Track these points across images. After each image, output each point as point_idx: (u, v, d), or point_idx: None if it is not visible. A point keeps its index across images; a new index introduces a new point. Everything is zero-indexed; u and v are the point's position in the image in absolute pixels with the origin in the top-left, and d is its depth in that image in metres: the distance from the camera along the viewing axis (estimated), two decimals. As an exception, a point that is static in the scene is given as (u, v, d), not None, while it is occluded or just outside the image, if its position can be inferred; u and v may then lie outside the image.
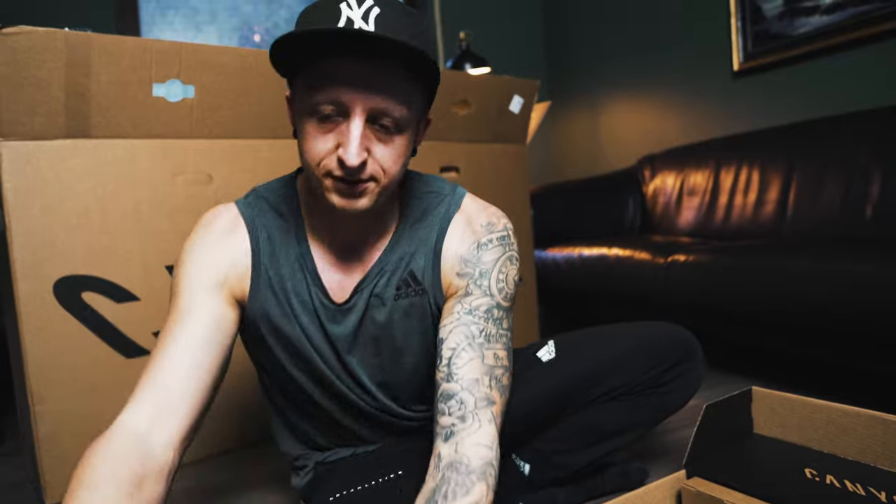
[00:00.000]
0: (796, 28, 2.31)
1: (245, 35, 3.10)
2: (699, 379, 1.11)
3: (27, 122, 1.31)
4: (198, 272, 0.81)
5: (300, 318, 0.88)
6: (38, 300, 1.34)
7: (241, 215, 0.87)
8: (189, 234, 0.87)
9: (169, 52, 1.43)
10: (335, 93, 0.70)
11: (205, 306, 0.80)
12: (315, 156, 0.74)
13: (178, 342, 0.76)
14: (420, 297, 0.88)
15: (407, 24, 0.71)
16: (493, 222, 0.89)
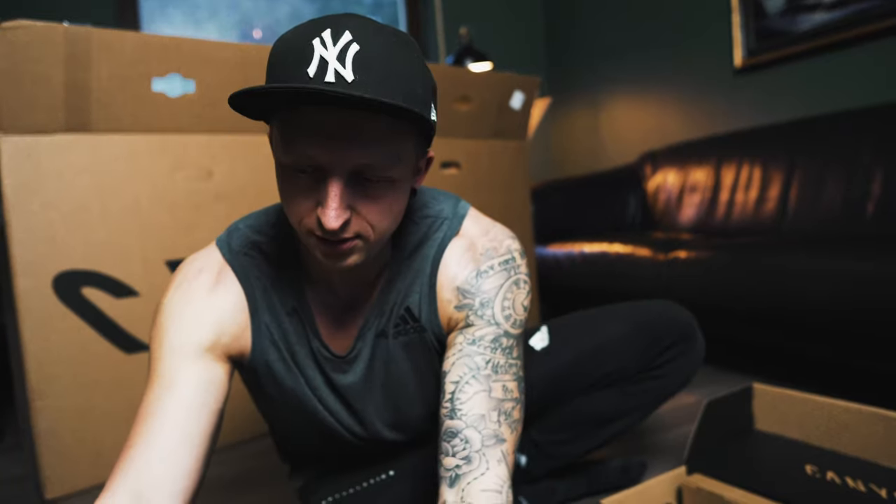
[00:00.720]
0: (798, 25, 2.30)
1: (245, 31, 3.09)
2: (697, 361, 1.07)
3: (27, 117, 1.30)
4: (180, 334, 0.71)
5: (305, 372, 0.82)
6: (38, 295, 1.34)
7: (230, 267, 0.77)
8: (171, 282, 0.76)
9: (169, 46, 1.42)
10: (309, 150, 0.59)
11: (191, 371, 0.69)
12: (294, 214, 0.65)
13: (160, 416, 0.66)
14: (419, 334, 0.81)
15: (392, 60, 0.59)
16: (495, 246, 0.80)
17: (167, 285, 0.76)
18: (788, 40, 2.34)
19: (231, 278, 0.77)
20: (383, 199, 0.64)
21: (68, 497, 1.39)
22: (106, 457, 1.43)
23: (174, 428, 0.65)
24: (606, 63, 3.31)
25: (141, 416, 0.66)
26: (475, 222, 0.82)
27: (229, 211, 1.59)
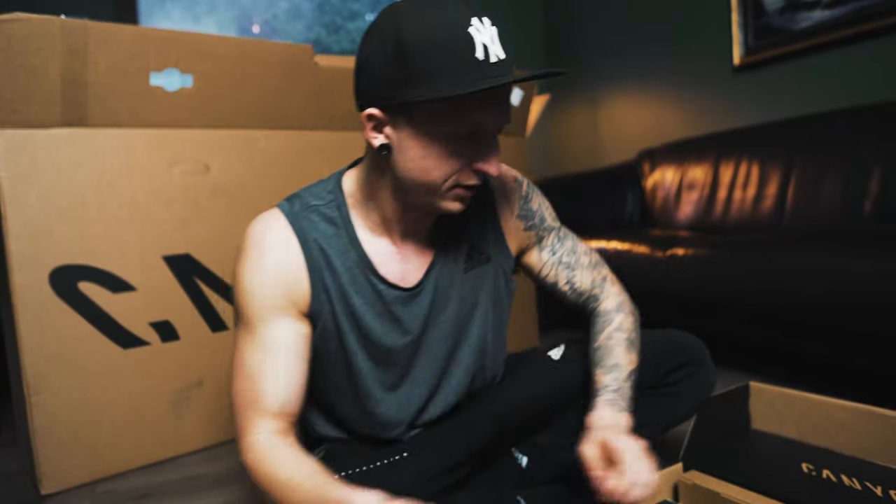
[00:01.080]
0: (798, 23, 2.30)
1: (244, 26, 3.08)
2: (710, 386, 1.08)
3: (23, 111, 1.30)
4: (266, 297, 0.83)
5: (362, 323, 0.89)
6: (34, 290, 1.33)
7: (290, 226, 0.86)
8: (241, 248, 0.86)
9: (167, 40, 1.42)
10: (478, 118, 0.74)
11: (283, 328, 0.84)
12: (448, 171, 0.77)
13: (270, 369, 0.82)
14: (486, 265, 0.96)
15: (504, 31, 0.76)
16: (515, 176, 1.01)
17: (237, 254, 0.86)
18: (787, 38, 2.34)
19: (293, 238, 0.85)
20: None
21: (65, 492, 1.39)
22: (102, 452, 1.43)
23: (282, 374, 0.82)
24: (605, 60, 3.31)
25: (251, 373, 0.82)
26: None
27: (227, 205, 1.58)
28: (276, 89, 1.61)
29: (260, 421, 0.82)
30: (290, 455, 0.79)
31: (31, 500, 1.36)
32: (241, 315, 0.84)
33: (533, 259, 1.02)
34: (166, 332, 1.51)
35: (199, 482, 1.39)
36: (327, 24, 3.24)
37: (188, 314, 1.54)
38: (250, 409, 0.82)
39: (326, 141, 1.75)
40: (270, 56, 1.57)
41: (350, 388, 0.92)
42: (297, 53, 1.61)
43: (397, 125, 0.77)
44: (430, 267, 0.91)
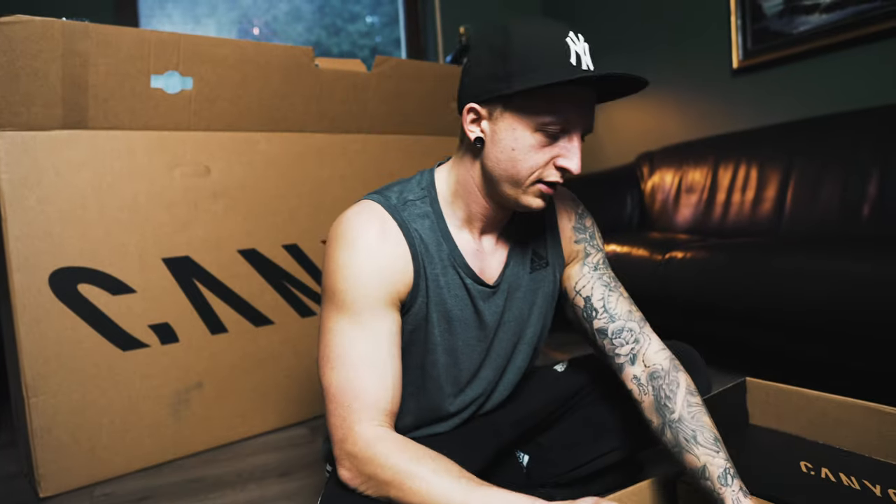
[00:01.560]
0: (796, 26, 2.31)
1: (244, 28, 3.09)
2: (704, 390, 1.08)
3: (24, 113, 1.30)
4: (374, 288, 0.83)
5: (453, 312, 0.92)
6: (34, 292, 1.33)
7: (392, 218, 0.88)
8: (342, 238, 0.85)
9: (168, 43, 1.42)
10: (568, 115, 0.80)
11: (388, 318, 0.85)
12: (533, 165, 0.82)
13: (378, 360, 0.83)
14: (545, 270, 1.01)
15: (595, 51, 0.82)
16: (572, 196, 1.09)
17: (335, 243, 0.85)
18: (786, 42, 2.34)
19: (395, 229, 0.87)
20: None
21: (63, 495, 1.38)
22: (101, 454, 1.43)
23: (389, 368, 0.83)
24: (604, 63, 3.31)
25: (356, 361, 0.82)
26: None
27: (227, 208, 1.59)
28: (277, 92, 1.62)
29: (372, 410, 0.81)
30: (424, 451, 0.78)
31: (30, 502, 1.36)
32: (343, 302, 0.83)
33: (574, 270, 1.04)
34: (166, 335, 1.51)
35: (199, 485, 1.39)
36: (328, 27, 3.25)
37: (188, 317, 1.54)
38: (359, 401, 0.80)
39: (327, 143, 1.75)
40: (271, 58, 1.57)
41: (423, 374, 0.96)
42: (297, 56, 1.61)
43: (493, 117, 0.83)
44: (505, 265, 0.97)
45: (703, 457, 0.83)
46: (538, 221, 1.01)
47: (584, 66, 0.78)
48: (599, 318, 0.99)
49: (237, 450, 1.59)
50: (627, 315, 0.98)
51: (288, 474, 1.40)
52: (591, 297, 1.01)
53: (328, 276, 0.85)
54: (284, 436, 1.65)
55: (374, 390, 0.81)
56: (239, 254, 1.61)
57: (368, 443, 0.77)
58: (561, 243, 1.03)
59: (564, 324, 1.25)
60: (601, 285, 1.01)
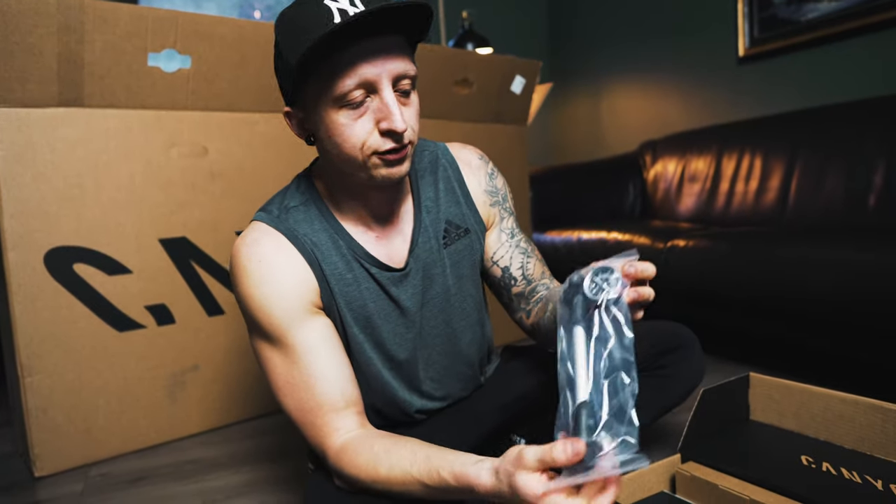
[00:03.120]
0: (804, 14, 2.28)
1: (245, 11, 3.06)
2: (699, 372, 1.11)
3: (18, 89, 1.28)
4: (283, 306, 0.82)
5: (365, 306, 0.90)
6: (29, 271, 1.32)
7: (278, 230, 0.85)
8: (238, 269, 0.83)
9: (165, 20, 1.40)
10: (360, 72, 0.73)
11: (313, 326, 0.84)
12: (356, 141, 0.76)
13: (318, 372, 0.82)
14: (465, 238, 0.97)
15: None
16: (480, 154, 1.03)
17: (235, 275, 0.84)
18: (793, 30, 2.32)
19: (284, 242, 0.85)
20: (413, 105, 0.80)
21: (58, 475, 1.38)
22: (97, 434, 1.42)
23: (333, 370, 0.83)
24: (609, 50, 3.28)
25: (302, 384, 0.82)
26: (450, 143, 1.03)
27: (224, 189, 1.57)
28: (276, 72, 1.59)
29: (334, 420, 0.82)
30: (381, 445, 0.78)
31: (25, 481, 1.36)
32: (263, 332, 0.83)
33: (492, 238, 1.02)
34: (162, 316, 1.50)
35: (194, 466, 1.39)
36: (329, 10, 3.22)
37: (184, 298, 1.53)
38: (319, 416, 0.82)
39: (326, 125, 1.73)
40: (270, 38, 1.54)
41: (364, 378, 0.93)
42: (297, 36, 1.59)
43: (305, 114, 0.81)
44: (411, 247, 0.92)
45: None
46: (448, 190, 0.97)
47: (352, 14, 0.71)
48: (518, 284, 1.02)
49: (232, 432, 1.58)
50: (541, 275, 1.03)
51: (283, 457, 1.40)
52: (510, 266, 1.01)
53: (243, 312, 0.85)
54: (280, 420, 1.65)
55: (329, 399, 0.81)
56: (236, 235, 1.59)
57: (337, 457, 0.80)
58: (476, 208, 0.99)
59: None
60: (519, 253, 1.02)
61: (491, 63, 2.06)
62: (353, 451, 0.79)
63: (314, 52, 0.70)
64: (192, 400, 1.56)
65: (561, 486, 0.59)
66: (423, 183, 0.96)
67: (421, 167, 0.97)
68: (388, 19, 0.72)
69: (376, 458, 0.76)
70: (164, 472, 1.37)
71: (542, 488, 0.59)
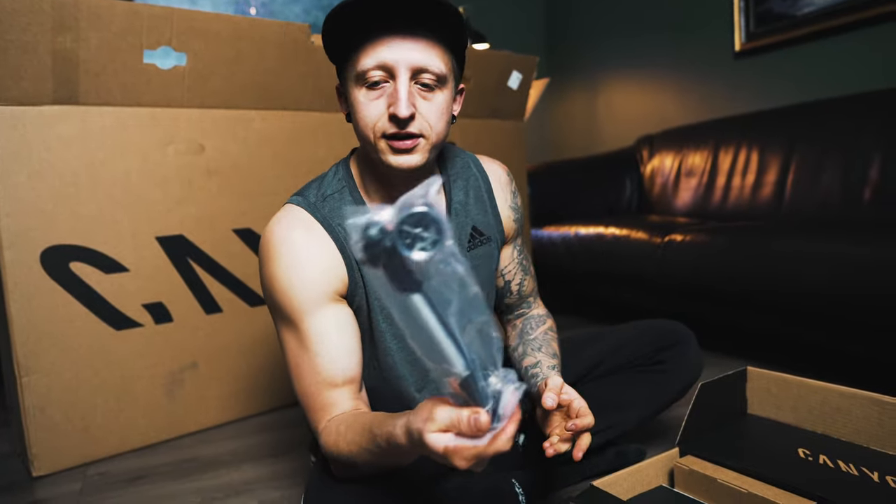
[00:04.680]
0: (800, 8, 2.28)
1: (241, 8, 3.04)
2: (697, 366, 1.14)
3: (13, 87, 1.27)
4: (307, 291, 0.84)
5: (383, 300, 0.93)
6: (25, 269, 1.32)
7: (313, 217, 0.88)
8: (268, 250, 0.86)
9: (161, 17, 1.39)
10: (380, 57, 0.77)
11: (331, 313, 0.86)
12: (369, 120, 0.80)
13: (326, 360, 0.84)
14: (487, 246, 1.01)
15: None
16: (506, 170, 1.07)
17: (264, 256, 0.86)
18: (789, 24, 2.32)
19: (318, 228, 0.87)
20: (437, 102, 0.81)
21: (56, 474, 1.38)
22: (94, 434, 1.42)
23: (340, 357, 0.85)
24: (605, 45, 3.28)
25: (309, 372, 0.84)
26: (479, 155, 1.07)
27: (221, 186, 1.57)
28: (272, 69, 1.59)
29: (330, 396, 0.84)
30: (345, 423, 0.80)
31: (23, 481, 1.35)
32: (285, 315, 0.85)
33: (506, 252, 1.08)
34: (159, 314, 1.49)
35: (193, 465, 1.38)
36: (325, 7, 3.20)
37: (182, 296, 1.53)
38: (318, 397, 0.84)
39: (322, 122, 1.73)
40: (266, 34, 1.54)
41: (379, 366, 0.96)
42: (293, 32, 1.58)
43: (343, 89, 0.86)
44: None
45: (541, 357, 0.99)
46: (477, 199, 1.01)
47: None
48: (511, 297, 1.11)
49: (231, 430, 1.58)
50: (531, 292, 1.12)
51: (281, 455, 1.40)
52: (511, 281, 1.09)
53: (265, 291, 0.87)
54: (279, 417, 1.65)
55: (327, 377, 0.84)
56: (234, 233, 1.59)
57: (321, 439, 0.83)
58: (501, 220, 1.03)
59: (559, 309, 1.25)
60: (521, 270, 1.09)
61: (488, 59, 2.06)
62: (327, 433, 0.82)
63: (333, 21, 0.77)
64: (191, 398, 1.55)
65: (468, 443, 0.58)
66: (455, 187, 0.99)
67: (454, 172, 1.00)
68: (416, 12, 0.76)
69: (339, 435, 0.79)
70: (163, 470, 1.37)
71: (452, 443, 0.59)
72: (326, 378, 0.84)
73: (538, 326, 1.07)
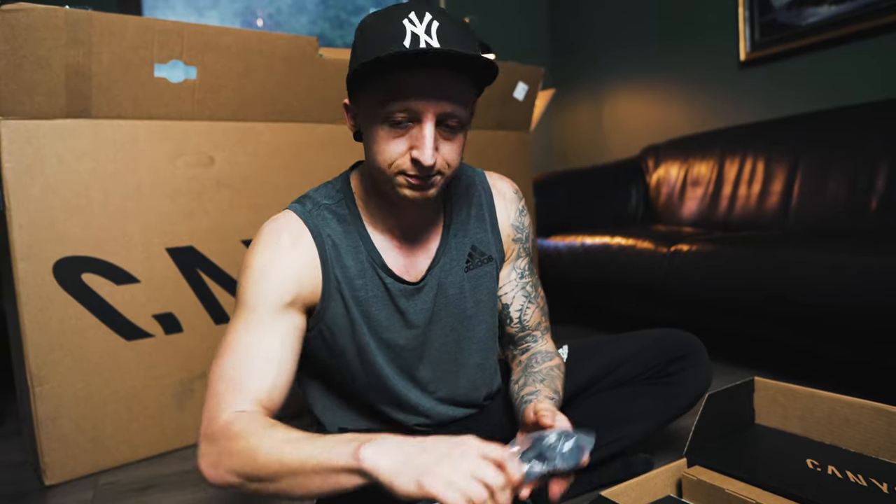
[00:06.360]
0: (805, 18, 2.29)
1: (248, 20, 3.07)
2: (707, 380, 1.13)
3: (27, 101, 1.30)
4: (274, 289, 0.83)
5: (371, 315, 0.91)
6: (38, 281, 1.33)
7: (305, 225, 0.88)
8: (253, 244, 0.87)
9: (171, 32, 1.41)
10: (408, 103, 0.76)
11: (285, 319, 0.83)
12: (388, 158, 0.79)
13: (261, 353, 0.80)
14: (487, 265, 0.99)
15: (461, 33, 0.77)
16: (515, 189, 1.06)
17: (251, 246, 0.87)
18: (794, 34, 2.33)
19: (307, 235, 0.88)
20: (457, 141, 0.82)
21: (68, 483, 1.39)
22: (105, 443, 1.43)
23: (274, 362, 0.80)
24: (610, 56, 3.29)
25: (241, 352, 0.80)
26: (489, 172, 1.06)
27: (231, 198, 1.58)
28: (281, 82, 1.61)
29: (239, 400, 0.77)
30: (275, 425, 0.73)
31: (35, 490, 1.36)
32: (243, 299, 0.84)
33: (503, 272, 1.04)
34: (170, 325, 1.51)
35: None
36: (331, 19, 3.23)
37: (191, 306, 1.54)
38: (230, 389, 0.77)
39: (331, 134, 1.74)
40: (275, 48, 1.56)
41: (368, 378, 0.95)
42: (301, 45, 1.60)
43: (357, 112, 0.85)
44: (432, 263, 0.94)
45: (541, 388, 0.93)
46: (478, 217, 1.00)
47: (423, 45, 0.74)
48: (513, 326, 1.05)
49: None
50: (536, 326, 1.06)
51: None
52: (510, 305, 1.04)
53: (238, 276, 0.86)
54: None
55: (250, 382, 0.78)
56: (243, 244, 1.61)
57: (227, 422, 0.74)
58: (501, 239, 1.02)
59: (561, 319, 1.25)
60: (522, 296, 1.04)
61: (493, 70, 2.07)
62: (249, 417, 0.75)
63: (367, 68, 0.73)
64: (201, 408, 1.56)
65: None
66: (456, 206, 0.98)
67: (458, 191, 0.99)
68: (451, 61, 0.74)
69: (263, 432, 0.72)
70: (173, 479, 1.38)
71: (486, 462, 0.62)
72: (247, 385, 0.78)
73: (544, 361, 1.02)
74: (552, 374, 0.98)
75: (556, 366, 1.01)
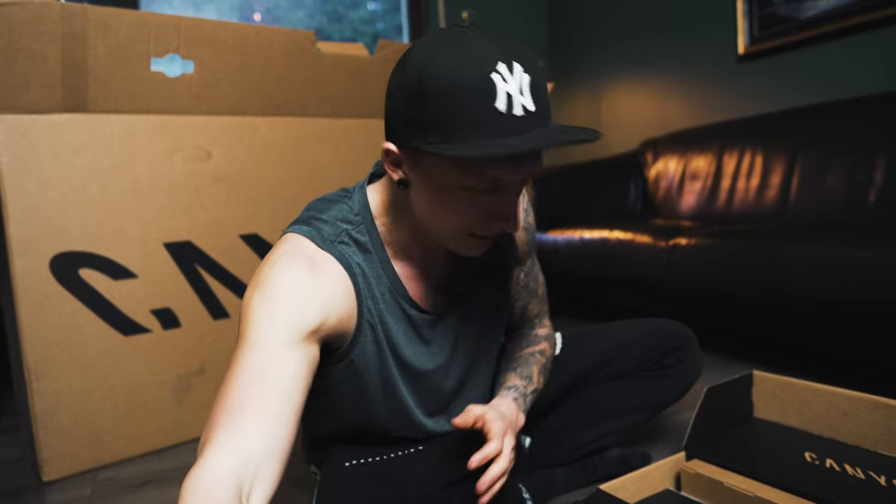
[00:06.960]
0: (804, 11, 2.28)
1: (245, 14, 3.06)
2: (697, 369, 1.14)
3: (22, 96, 1.29)
4: (289, 312, 0.71)
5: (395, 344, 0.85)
6: (35, 276, 1.33)
7: (330, 255, 0.78)
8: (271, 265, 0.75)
9: (168, 25, 1.40)
10: (498, 176, 0.69)
11: (297, 349, 0.70)
12: (466, 222, 0.73)
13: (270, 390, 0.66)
14: (505, 278, 0.98)
15: (543, 81, 0.69)
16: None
17: (263, 266, 0.75)
18: (793, 27, 2.32)
19: (333, 265, 0.78)
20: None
21: (66, 479, 1.39)
22: (103, 439, 1.43)
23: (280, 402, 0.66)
24: (609, 49, 3.29)
25: (245, 382, 0.65)
26: None
27: (228, 192, 1.58)
28: (278, 76, 1.60)
29: (224, 456, 0.62)
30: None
31: (33, 486, 1.36)
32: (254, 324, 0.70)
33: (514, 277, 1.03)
34: (167, 320, 1.51)
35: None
36: (329, 13, 3.22)
37: (189, 301, 1.54)
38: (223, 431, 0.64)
39: (328, 128, 1.74)
40: (272, 42, 1.56)
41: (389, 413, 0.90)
42: (299, 39, 1.60)
43: (413, 164, 0.73)
44: (453, 289, 0.91)
45: (510, 376, 0.95)
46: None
47: (518, 111, 0.65)
48: (514, 320, 1.07)
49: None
50: (537, 313, 1.08)
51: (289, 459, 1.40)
52: (516, 303, 1.04)
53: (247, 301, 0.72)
54: (286, 421, 1.65)
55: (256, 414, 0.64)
56: (241, 239, 1.60)
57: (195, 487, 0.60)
58: (517, 247, 0.99)
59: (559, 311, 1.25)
60: (526, 294, 1.05)
61: (491, 64, 2.06)
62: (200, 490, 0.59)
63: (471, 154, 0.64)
64: (199, 403, 1.56)
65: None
66: None
67: None
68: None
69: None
70: (172, 475, 1.37)
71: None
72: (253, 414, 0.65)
73: (526, 346, 1.01)
74: (529, 361, 0.99)
75: (538, 350, 1.01)
